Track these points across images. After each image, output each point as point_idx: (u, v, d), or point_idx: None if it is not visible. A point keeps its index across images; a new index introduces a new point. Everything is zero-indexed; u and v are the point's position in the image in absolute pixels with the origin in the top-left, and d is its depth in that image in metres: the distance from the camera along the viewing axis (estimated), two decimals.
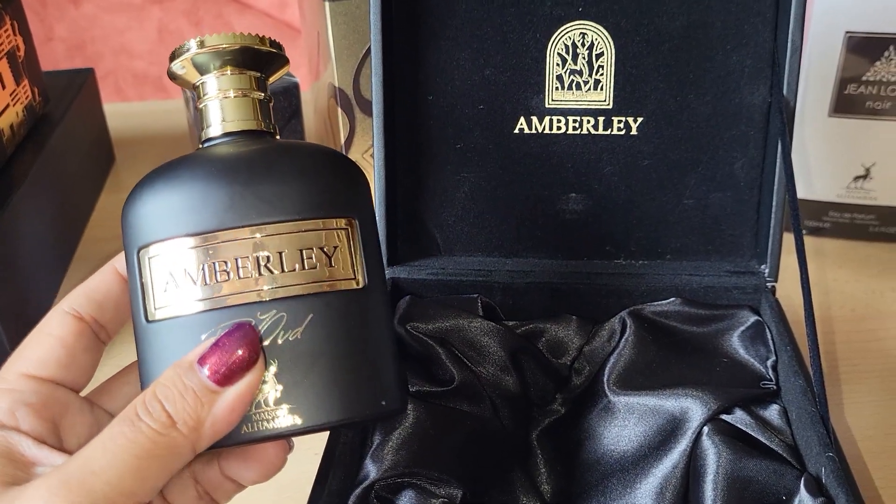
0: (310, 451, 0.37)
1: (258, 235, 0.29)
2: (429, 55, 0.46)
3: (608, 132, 0.46)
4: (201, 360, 0.27)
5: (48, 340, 0.30)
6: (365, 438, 0.38)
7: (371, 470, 0.35)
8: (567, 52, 0.45)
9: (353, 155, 0.61)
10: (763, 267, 0.45)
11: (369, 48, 0.58)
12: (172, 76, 0.32)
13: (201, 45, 0.31)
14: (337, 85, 0.58)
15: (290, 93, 0.60)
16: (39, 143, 0.62)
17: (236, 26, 1.31)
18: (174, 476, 0.32)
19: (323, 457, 0.36)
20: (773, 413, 0.40)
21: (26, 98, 0.62)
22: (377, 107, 0.45)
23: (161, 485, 0.27)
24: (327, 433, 0.37)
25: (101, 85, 0.78)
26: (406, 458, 0.36)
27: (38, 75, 0.65)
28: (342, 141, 0.60)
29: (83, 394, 0.31)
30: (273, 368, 0.28)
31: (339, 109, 0.59)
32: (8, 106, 0.59)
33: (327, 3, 0.55)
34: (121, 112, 0.85)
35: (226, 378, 0.27)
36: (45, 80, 0.67)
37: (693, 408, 0.38)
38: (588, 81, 0.45)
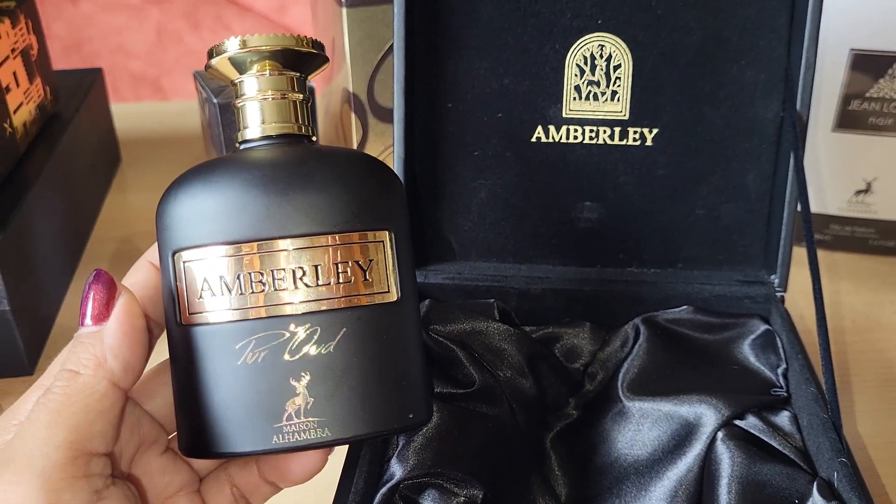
0: (334, 451, 0.37)
1: (295, 247, 0.29)
2: (449, 63, 0.46)
3: (624, 142, 0.47)
4: (81, 318, 0.29)
5: None
6: (389, 439, 0.38)
7: (396, 470, 0.36)
8: (585, 64, 0.46)
9: None
10: (773, 277, 0.46)
11: (384, 54, 0.59)
12: (209, 68, 0.32)
13: (243, 44, 0.31)
14: (351, 90, 0.59)
15: None
16: (51, 141, 0.62)
17: (235, 29, 1.31)
18: (210, 476, 0.33)
19: (347, 457, 0.37)
20: (783, 419, 0.41)
21: (39, 96, 0.62)
22: (398, 113, 0.46)
23: (103, 429, 0.28)
24: None
25: None
26: (430, 459, 0.36)
27: (50, 74, 0.66)
28: (354, 145, 0.61)
29: None
30: (305, 380, 0.29)
31: (353, 114, 0.60)
32: (22, 104, 0.59)
33: (344, 9, 0.56)
34: (127, 112, 0.86)
35: (99, 315, 0.28)
36: (55, 79, 0.67)
37: (707, 413, 0.39)
38: (605, 92, 0.46)
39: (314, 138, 0.33)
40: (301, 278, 0.29)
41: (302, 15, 1.29)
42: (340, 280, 0.29)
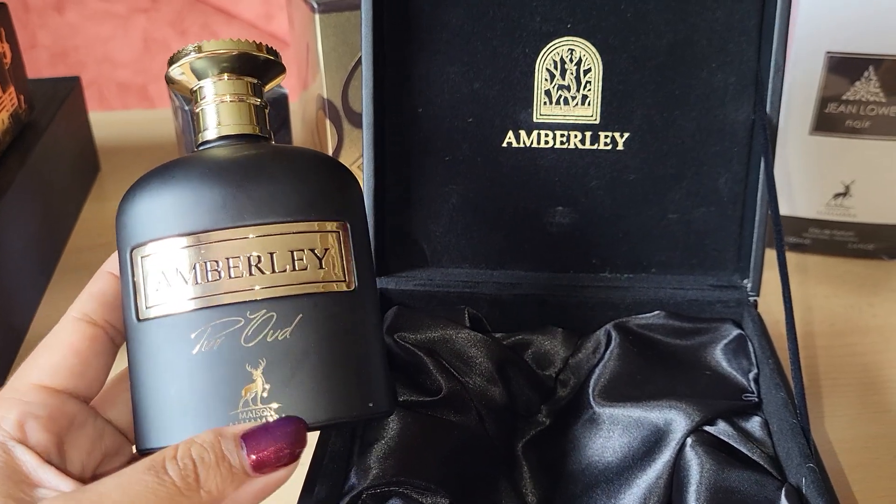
0: (298, 464, 0.37)
1: (250, 236, 0.29)
2: (419, 68, 0.46)
3: (595, 147, 0.46)
4: (245, 438, 0.27)
5: (60, 348, 0.30)
6: (352, 447, 0.38)
7: (358, 479, 0.35)
8: (555, 68, 0.46)
9: None
10: (745, 281, 0.46)
11: (359, 60, 0.58)
12: (170, 80, 0.32)
13: (199, 50, 0.31)
14: (326, 97, 0.59)
15: (279, 103, 0.60)
16: (24, 150, 0.62)
17: (222, 37, 1.31)
18: None
19: (310, 466, 0.36)
20: (754, 425, 0.40)
21: (12, 105, 0.62)
22: (367, 118, 0.45)
23: None
24: (315, 438, 0.37)
25: (85, 94, 0.77)
26: (393, 467, 0.36)
27: (24, 83, 0.65)
28: (330, 152, 0.61)
29: None
30: (261, 367, 0.29)
31: (328, 121, 0.59)
32: None
33: (317, 15, 0.56)
34: (106, 121, 0.85)
35: (263, 467, 0.26)
36: (30, 87, 0.67)
37: (677, 419, 0.39)
38: (576, 97, 0.46)
39: (272, 141, 0.33)
40: (257, 265, 0.29)
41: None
42: (296, 268, 0.29)
